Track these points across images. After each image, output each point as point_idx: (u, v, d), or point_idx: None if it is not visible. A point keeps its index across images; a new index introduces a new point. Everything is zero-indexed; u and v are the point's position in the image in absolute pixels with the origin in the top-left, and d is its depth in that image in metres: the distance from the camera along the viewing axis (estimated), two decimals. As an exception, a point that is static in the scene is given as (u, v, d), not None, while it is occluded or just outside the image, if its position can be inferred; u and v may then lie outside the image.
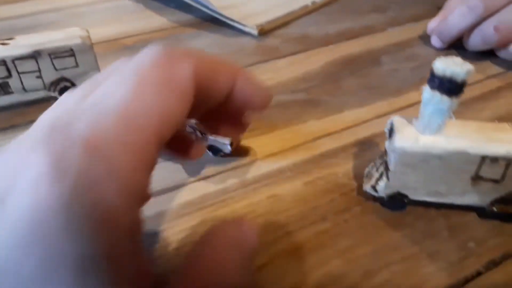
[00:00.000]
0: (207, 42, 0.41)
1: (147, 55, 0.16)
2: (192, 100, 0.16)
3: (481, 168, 0.21)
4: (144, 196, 0.14)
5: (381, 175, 0.22)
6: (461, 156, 0.20)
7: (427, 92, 0.20)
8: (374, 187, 0.23)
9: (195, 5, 0.44)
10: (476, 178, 0.21)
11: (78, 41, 0.30)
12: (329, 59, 0.38)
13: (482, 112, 0.31)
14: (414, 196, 0.22)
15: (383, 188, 0.22)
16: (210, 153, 0.26)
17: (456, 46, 0.39)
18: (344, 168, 0.26)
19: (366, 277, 0.20)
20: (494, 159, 0.20)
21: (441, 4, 0.42)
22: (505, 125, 0.21)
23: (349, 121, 0.30)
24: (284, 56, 0.39)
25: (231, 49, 0.40)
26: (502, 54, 0.37)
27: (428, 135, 0.21)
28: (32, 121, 0.15)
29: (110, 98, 0.14)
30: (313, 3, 0.49)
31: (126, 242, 0.13)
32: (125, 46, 0.40)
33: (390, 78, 0.35)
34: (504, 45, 0.36)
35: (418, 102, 0.20)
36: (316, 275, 0.20)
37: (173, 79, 0.15)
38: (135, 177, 0.13)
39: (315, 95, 0.33)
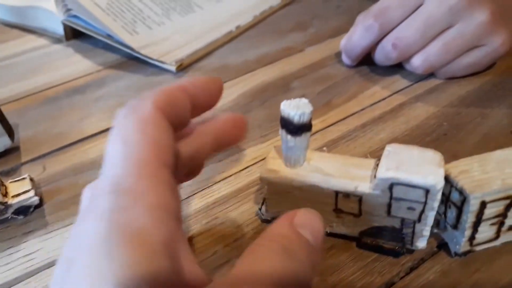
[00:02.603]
0: (128, 83, 0.42)
1: (120, 117, 0.17)
2: (168, 124, 0.18)
3: (338, 201, 0.22)
4: (173, 212, 0.16)
5: (263, 200, 0.25)
6: (317, 190, 0.22)
7: (280, 130, 0.21)
8: (260, 210, 0.26)
9: (116, 46, 0.45)
10: (338, 211, 0.22)
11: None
12: (242, 91, 0.39)
13: (379, 134, 0.32)
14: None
15: (265, 212, 0.25)
16: None
17: (367, 61, 0.39)
18: (234, 213, 0.27)
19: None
20: (346, 195, 0.21)
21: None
22: (370, 161, 0.22)
23: (249, 160, 0.31)
24: (201, 91, 0.39)
25: (150, 87, 0.41)
26: (407, 67, 0.37)
27: (290, 168, 0.22)
28: None
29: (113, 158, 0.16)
30: (237, 27, 0.49)
31: (161, 256, 0.14)
32: (46, 98, 0.41)
33: (296, 106, 0.36)
34: (404, 59, 0.36)
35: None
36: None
37: (143, 120, 0.17)
38: (156, 198, 0.15)
39: (221, 133, 0.34)
